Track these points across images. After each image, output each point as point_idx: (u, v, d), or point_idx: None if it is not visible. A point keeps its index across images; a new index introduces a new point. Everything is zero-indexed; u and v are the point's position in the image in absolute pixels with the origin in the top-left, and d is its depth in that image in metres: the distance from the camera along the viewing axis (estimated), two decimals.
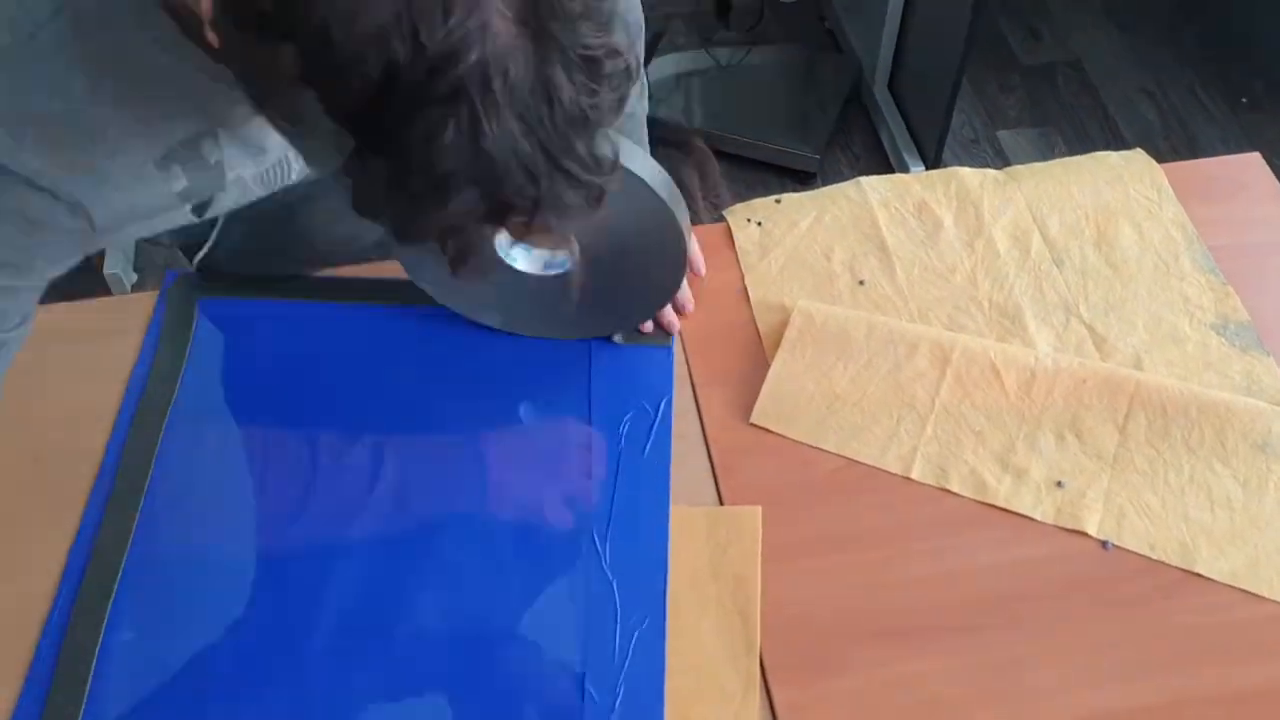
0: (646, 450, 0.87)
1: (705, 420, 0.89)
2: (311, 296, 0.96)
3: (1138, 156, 1.07)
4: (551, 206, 0.51)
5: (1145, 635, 0.78)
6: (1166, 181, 1.04)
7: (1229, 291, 0.96)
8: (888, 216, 1.02)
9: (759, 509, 0.83)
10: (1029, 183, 1.04)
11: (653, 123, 1.05)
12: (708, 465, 0.86)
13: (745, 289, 0.97)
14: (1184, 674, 0.76)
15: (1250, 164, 1.07)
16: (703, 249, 0.98)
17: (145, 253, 2.12)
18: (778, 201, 1.03)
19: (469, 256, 0.54)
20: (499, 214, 0.51)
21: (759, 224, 1.01)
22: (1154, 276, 0.97)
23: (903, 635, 0.78)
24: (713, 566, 0.80)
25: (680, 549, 0.81)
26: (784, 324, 0.94)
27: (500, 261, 0.84)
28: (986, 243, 1.00)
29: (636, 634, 0.78)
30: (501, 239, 0.67)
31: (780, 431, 0.88)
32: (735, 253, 0.99)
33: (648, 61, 2.32)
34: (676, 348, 0.93)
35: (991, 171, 1.05)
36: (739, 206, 1.03)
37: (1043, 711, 0.75)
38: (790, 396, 0.90)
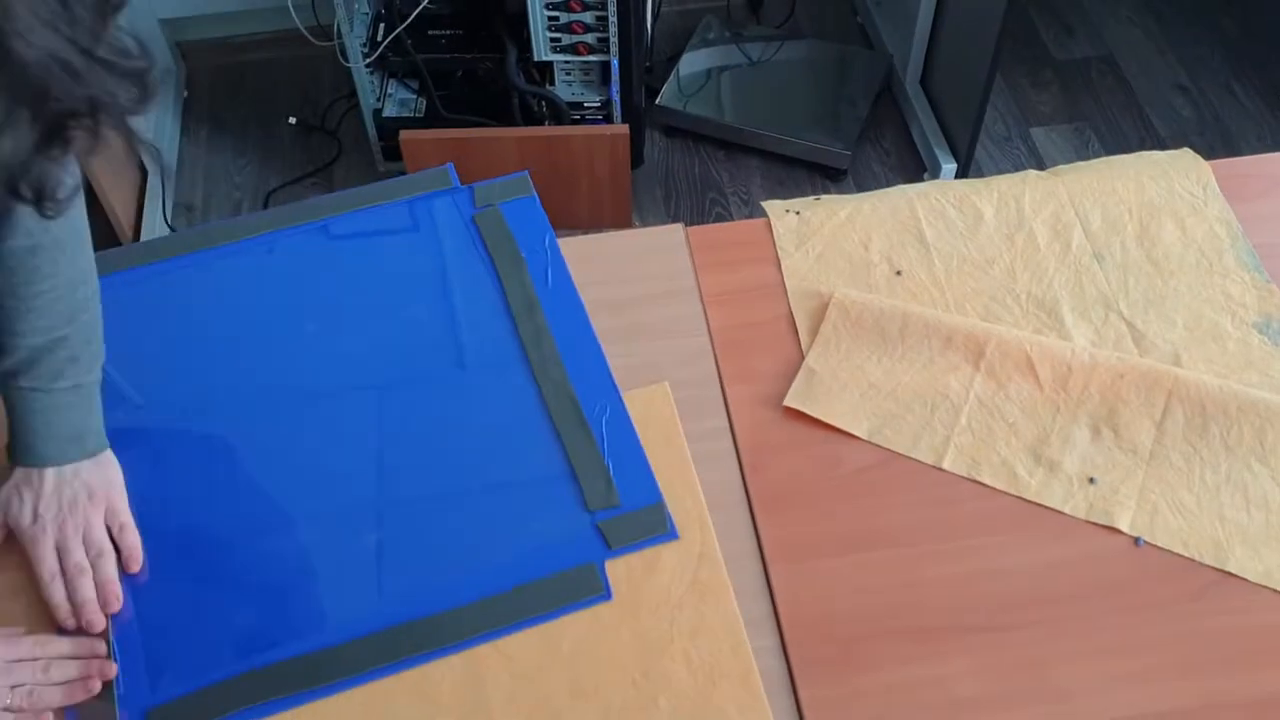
0: (549, 280, 0.95)
1: (734, 418, 0.88)
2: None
3: (1184, 154, 1.06)
4: (106, 106, 0.49)
5: (1176, 637, 0.77)
6: (1213, 178, 1.03)
7: (1273, 290, 0.95)
8: (927, 207, 1.01)
9: (665, 384, 0.89)
10: (1071, 177, 1.03)
11: (685, 118, 1.05)
12: (736, 463, 0.86)
13: (777, 285, 0.97)
14: (1215, 677, 0.75)
15: None
16: (738, 243, 0.98)
17: None
18: (817, 199, 1.03)
19: (50, 191, 0.51)
20: (57, 130, 0.49)
21: (797, 213, 1.01)
22: (1196, 273, 0.96)
23: (930, 634, 0.77)
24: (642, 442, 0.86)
25: None
26: (820, 311, 0.94)
27: None
28: (1027, 236, 0.99)
29: (604, 420, 0.86)
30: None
31: (813, 414, 0.88)
32: (771, 248, 0.99)
33: (679, 56, 2.32)
34: (707, 345, 0.93)
35: (1034, 173, 1.04)
36: (777, 201, 1.03)
37: (1071, 713, 0.74)
38: (824, 382, 0.89)
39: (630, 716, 0.74)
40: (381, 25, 2.00)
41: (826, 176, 2.19)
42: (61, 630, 0.78)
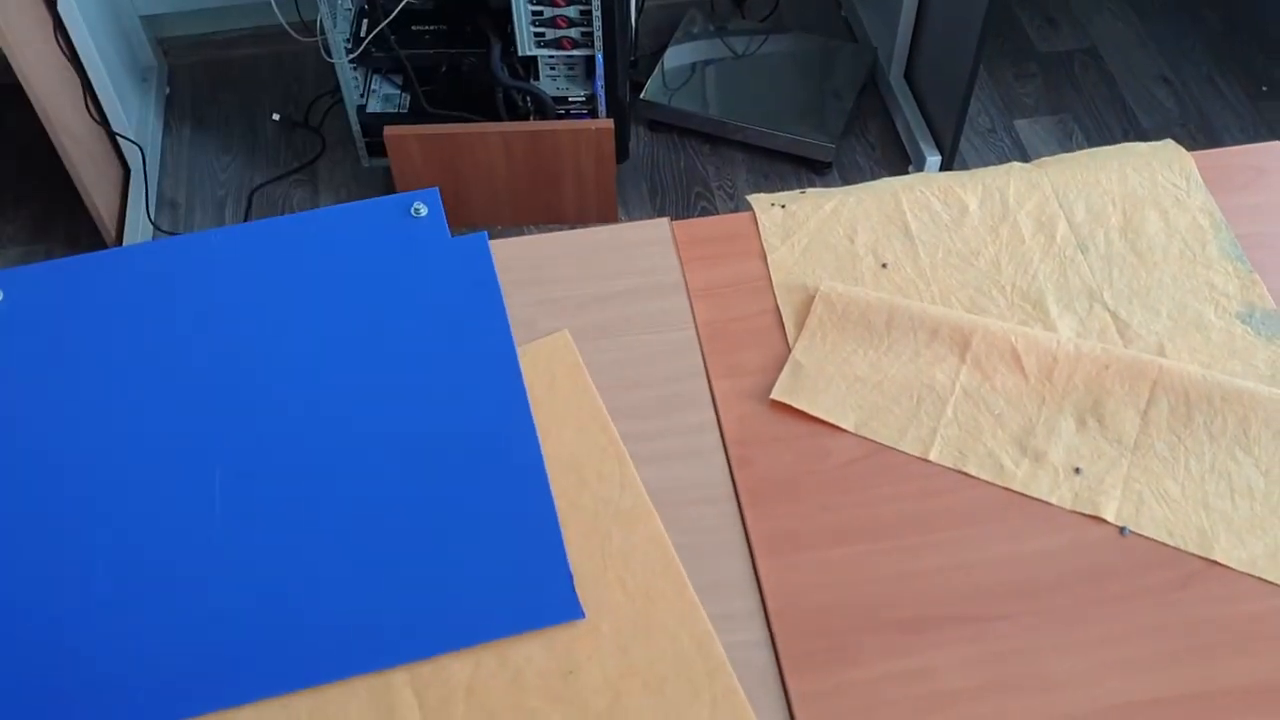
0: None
1: (720, 412, 0.88)
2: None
3: (1167, 146, 1.06)
4: None
5: (1162, 626, 0.78)
6: (1196, 170, 1.03)
7: (1256, 280, 0.95)
8: (912, 200, 1.01)
9: (564, 332, 0.92)
10: (1055, 169, 1.04)
11: (670, 112, 1.04)
12: (723, 457, 0.86)
13: (763, 279, 0.97)
14: (1202, 664, 0.76)
15: (1270, 153, 1.06)
16: (724, 237, 0.98)
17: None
18: (802, 192, 1.03)
19: None
20: None
21: (783, 207, 1.01)
22: (1180, 264, 0.97)
23: (919, 626, 0.78)
24: (550, 391, 0.88)
25: None
26: (805, 304, 0.94)
27: None
28: (1011, 228, 0.99)
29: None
30: None
31: (800, 407, 0.88)
32: (757, 242, 0.99)
33: (663, 50, 2.32)
34: (693, 340, 0.93)
35: (1018, 165, 1.04)
36: (762, 194, 1.03)
37: (1059, 702, 0.74)
38: (811, 376, 0.90)
39: (577, 645, 0.76)
40: (365, 21, 1.99)
41: (811, 170, 2.20)
42: None
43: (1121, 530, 0.82)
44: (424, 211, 0.96)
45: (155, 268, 0.94)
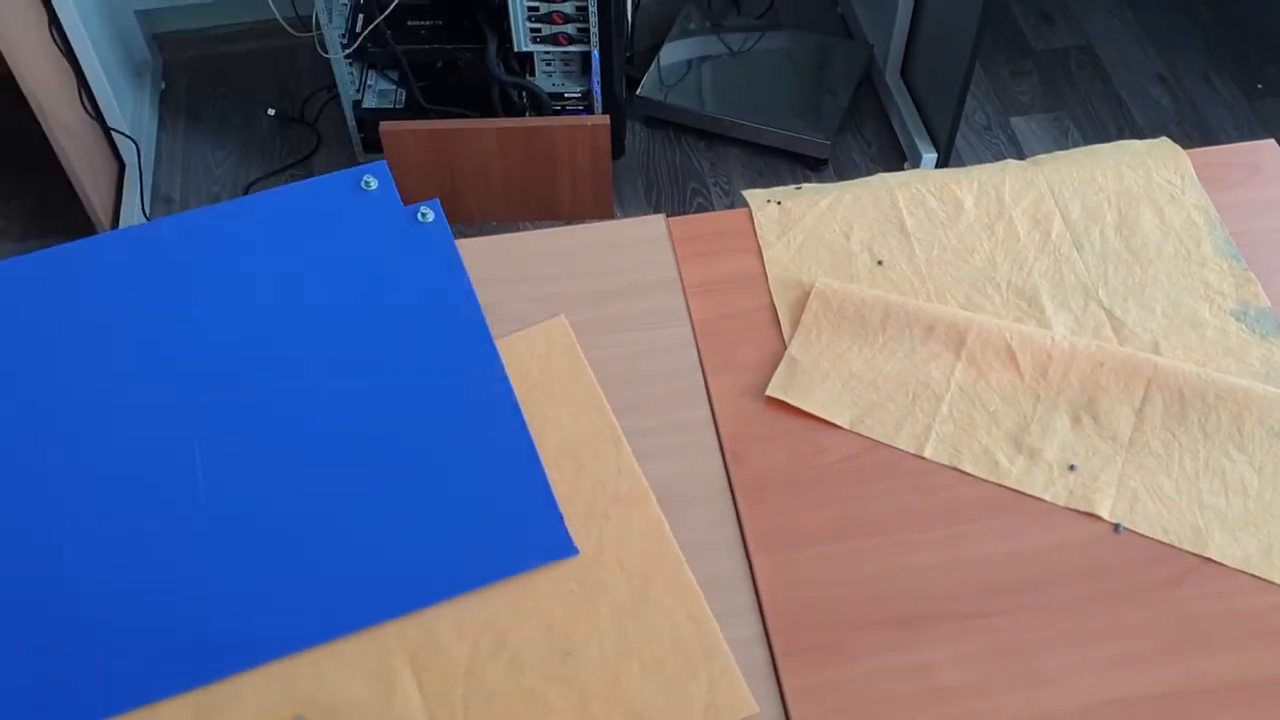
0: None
1: (716, 408, 0.88)
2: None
3: (1162, 143, 1.06)
4: None
5: (1156, 622, 0.78)
6: (1191, 167, 1.04)
7: (1250, 277, 0.96)
8: (908, 197, 1.02)
9: (561, 317, 0.92)
10: (1051, 167, 1.04)
11: (666, 108, 1.04)
12: (718, 453, 0.86)
13: (759, 276, 0.97)
14: (1195, 661, 0.76)
15: (1265, 151, 1.07)
16: (719, 234, 0.98)
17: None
18: (798, 189, 1.03)
19: None
20: None
21: (779, 203, 1.01)
22: (1174, 262, 0.97)
23: (914, 621, 0.78)
24: (547, 375, 0.89)
25: (509, 366, 0.89)
26: (801, 301, 0.94)
27: None
28: (1007, 225, 0.99)
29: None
30: None
31: (795, 403, 0.88)
32: (752, 238, 0.99)
33: (659, 46, 2.32)
34: (689, 336, 0.93)
35: (1014, 163, 1.05)
36: (759, 190, 1.03)
37: (1052, 698, 0.75)
38: (806, 372, 0.90)
39: (575, 627, 0.76)
40: (360, 16, 1.99)
41: (807, 166, 2.20)
42: None
43: (1116, 527, 0.82)
44: (374, 184, 0.96)
45: (119, 258, 0.93)
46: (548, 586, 0.78)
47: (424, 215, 0.95)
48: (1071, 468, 0.85)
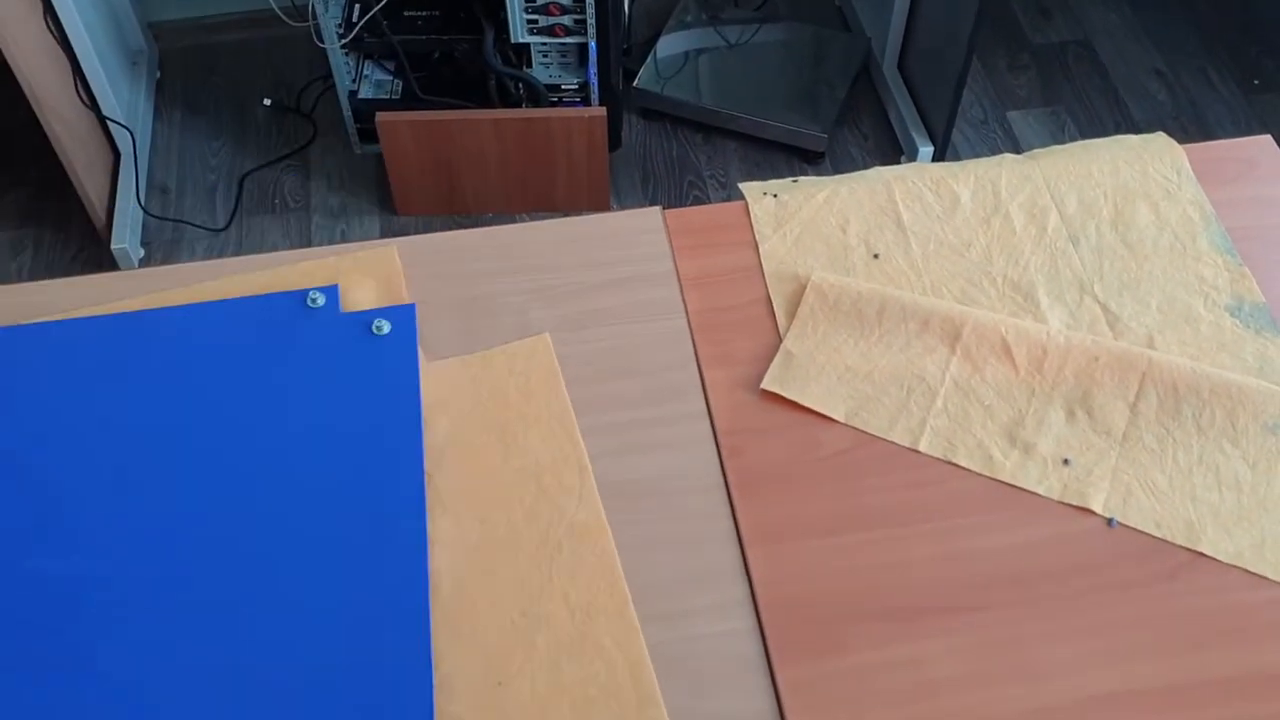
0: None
1: (711, 401, 0.88)
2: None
3: (1159, 138, 1.06)
4: None
5: (1149, 617, 0.78)
6: (1187, 163, 1.04)
7: (1245, 273, 0.96)
8: (904, 191, 1.01)
9: (545, 335, 0.91)
10: (1047, 161, 1.04)
11: (663, 100, 1.04)
12: (713, 446, 0.86)
13: (756, 269, 0.97)
14: (1188, 656, 0.76)
15: (1262, 146, 1.07)
16: (716, 226, 0.98)
17: (152, 228, 2.12)
18: (794, 181, 1.03)
19: None
20: None
21: (775, 196, 1.01)
22: (1170, 257, 0.97)
23: (907, 615, 0.78)
24: (524, 395, 0.88)
25: (486, 382, 0.89)
26: (797, 294, 0.94)
27: None
28: (1003, 219, 0.99)
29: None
30: None
31: (790, 397, 0.88)
32: (749, 231, 0.99)
33: (657, 38, 2.32)
34: (684, 329, 0.93)
35: (1010, 157, 1.05)
36: (755, 183, 1.03)
37: (1045, 692, 0.75)
38: (802, 366, 0.90)
39: (510, 657, 0.75)
40: (357, 6, 1.98)
41: (804, 159, 2.20)
42: None
43: (1109, 522, 0.82)
44: (320, 302, 0.91)
45: (49, 350, 0.89)
46: (490, 613, 0.77)
47: (378, 327, 0.90)
48: (1066, 462, 0.85)
